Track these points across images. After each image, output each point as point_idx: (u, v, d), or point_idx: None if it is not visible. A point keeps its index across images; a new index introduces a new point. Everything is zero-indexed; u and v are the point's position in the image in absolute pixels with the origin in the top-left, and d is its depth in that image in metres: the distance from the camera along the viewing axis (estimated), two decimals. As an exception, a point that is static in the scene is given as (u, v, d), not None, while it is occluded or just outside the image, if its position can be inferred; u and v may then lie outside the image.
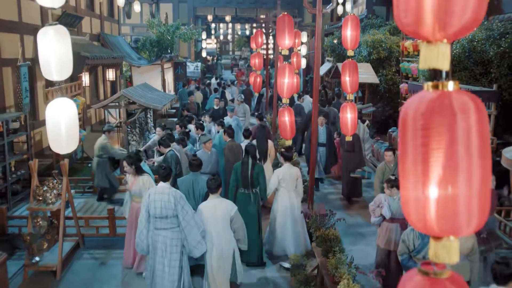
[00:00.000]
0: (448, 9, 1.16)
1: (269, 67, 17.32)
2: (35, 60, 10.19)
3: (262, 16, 21.33)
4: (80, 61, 10.58)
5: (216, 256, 5.10)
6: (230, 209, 5.13)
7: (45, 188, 5.88)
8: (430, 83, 1.22)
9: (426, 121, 1.17)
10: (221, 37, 45.30)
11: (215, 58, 36.05)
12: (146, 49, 18.31)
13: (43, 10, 10.56)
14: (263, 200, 6.85)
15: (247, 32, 39.41)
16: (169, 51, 18.63)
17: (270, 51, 21.71)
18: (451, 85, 1.19)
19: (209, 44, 33.65)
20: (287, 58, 13.46)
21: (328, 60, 17.45)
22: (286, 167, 6.56)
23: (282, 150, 6.80)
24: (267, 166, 7.85)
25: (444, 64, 1.22)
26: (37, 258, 5.82)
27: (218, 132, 8.88)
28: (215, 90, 16.67)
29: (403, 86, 12.10)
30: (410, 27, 1.24)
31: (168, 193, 4.96)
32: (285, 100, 6.46)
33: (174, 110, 15.03)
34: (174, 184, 5.93)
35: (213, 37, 38.14)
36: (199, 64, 22.08)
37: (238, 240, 5.24)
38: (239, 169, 6.35)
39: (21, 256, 6.28)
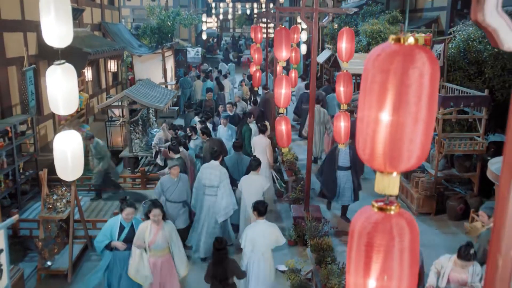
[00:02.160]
0: (396, 156, 1.44)
1: (269, 48, 17.22)
2: (38, 57, 10.39)
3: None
4: (82, 57, 10.74)
5: (248, 218, 6.42)
6: (264, 184, 6.76)
7: (55, 197, 6.21)
8: (376, 205, 1.49)
9: (370, 240, 1.47)
10: (221, 16, 44.87)
11: (214, 39, 35.91)
12: (146, 36, 18.38)
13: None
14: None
15: (248, 11, 39.04)
16: (169, 37, 18.70)
17: (271, 30, 21.49)
18: (393, 209, 1.46)
19: (209, 23, 33.41)
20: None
21: (327, 48, 17.49)
22: (259, 137, 8.43)
23: (259, 125, 8.65)
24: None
25: (393, 191, 1.50)
26: (49, 263, 6.21)
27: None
28: (210, 76, 16.66)
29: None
30: (368, 161, 1.52)
31: (216, 168, 6.61)
32: (282, 110, 6.72)
33: (175, 99, 15.23)
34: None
35: (213, 16, 37.86)
36: (200, 49, 22.12)
37: None
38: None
39: (33, 257, 6.67)
